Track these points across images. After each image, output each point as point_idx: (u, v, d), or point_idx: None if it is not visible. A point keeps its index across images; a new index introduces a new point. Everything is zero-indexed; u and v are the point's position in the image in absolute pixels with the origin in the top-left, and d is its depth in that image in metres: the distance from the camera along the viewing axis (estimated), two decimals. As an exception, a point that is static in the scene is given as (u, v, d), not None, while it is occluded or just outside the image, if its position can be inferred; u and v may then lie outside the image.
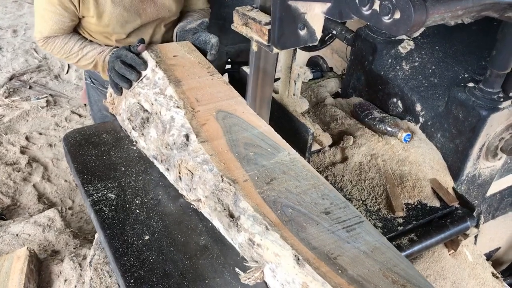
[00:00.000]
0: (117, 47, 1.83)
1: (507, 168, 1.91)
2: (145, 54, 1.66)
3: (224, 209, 1.23)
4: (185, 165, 1.37)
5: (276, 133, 1.42)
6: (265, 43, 1.21)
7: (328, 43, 2.45)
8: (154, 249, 1.32)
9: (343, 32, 2.25)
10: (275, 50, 1.21)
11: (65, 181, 3.34)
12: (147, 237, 1.36)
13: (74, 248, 2.42)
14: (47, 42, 1.91)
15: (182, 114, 1.43)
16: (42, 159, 3.53)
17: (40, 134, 3.82)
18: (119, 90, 1.70)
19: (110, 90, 1.80)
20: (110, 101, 1.83)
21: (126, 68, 1.63)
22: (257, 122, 1.44)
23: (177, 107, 1.46)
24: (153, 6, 1.91)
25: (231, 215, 1.21)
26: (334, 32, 2.32)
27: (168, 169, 1.49)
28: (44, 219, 2.63)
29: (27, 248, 2.23)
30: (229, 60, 2.55)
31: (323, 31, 2.31)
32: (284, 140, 1.39)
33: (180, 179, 1.41)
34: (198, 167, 1.31)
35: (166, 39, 2.12)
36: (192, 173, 1.34)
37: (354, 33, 2.15)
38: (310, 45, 1.28)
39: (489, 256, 2.22)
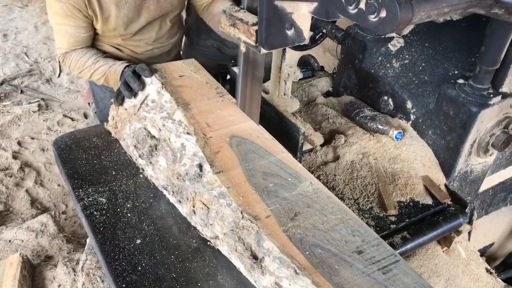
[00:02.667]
0: (129, 62, 1.82)
1: (499, 164, 1.92)
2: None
3: (246, 249, 1.13)
4: (199, 198, 1.27)
5: (294, 159, 1.34)
6: (253, 43, 1.20)
7: (318, 42, 2.44)
8: (146, 253, 1.31)
9: (333, 30, 2.24)
10: (263, 50, 1.20)
11: (58, 185, 3.32)
12: (138, 241, 1.35)
13: (67, 253, 2.41)
14: (66, 57, 1.91)
15: (193, 141, 1.35)
16: (34, 164, 3.51)
17: (32, 138, 3.80)
18: (118, 101, 1.66)
19: (111, 112, 1.72)
20: (112, 125, 1.72)
21: (132, 77, 1.59)
22: (274, 148, 1.36)
23: (188, 133, 1.38)
24: (155, 3, 1.92)
25: (254, 256, 1.11)
26: (325, 30, 2.31)
27: (180, 201, 1.39)
28: (37, 224, 2.61)
29: (20, 254, 2.22)
30: (232, 61, 2.55)
31: (313, 30, 2.32)
32: (304, 168, 1.31)
33: (194, 213, 1.31)
34: (214, 201, 1.22)
35: (171, 34, 2.15)
36: (208, 208, 1.24)
37: (344, 32, 2.15)
38: (301, 44, 1.28)
39: (483, 252, 2.23)
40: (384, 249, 1.08)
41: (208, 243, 1.31)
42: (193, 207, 1.30)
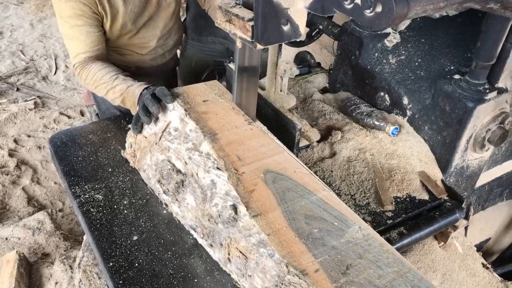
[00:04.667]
0: (148, 84, 1.63)
1: (495, 159, 1.92)
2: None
3: None
4: (235, 245, 1.15)
5: (337, 198, 1.23)
6: (249, 39, 1.20)
7: (315, 38, 2.44)
8: (142, 250, 1.31)
9: (330, 27, 2.24)
10: (259, 46, 1.20)
11: (55, 183, 3.32)
12: (135, 238, 1.35)
13: (64, 251, 2.41)
14: (83, 69, 1.78)
15: (225, 178, 1.22)
16: (31, 162, 3.50)
17: (29, 136, 3.79)
18: (137, 128, 1.55)
19: (129, 139, 1.61)
20: (130, 153, 1.60)
21: (151, 100, 1.47)
22: (314, 185, 1.24)
23: (218, 168, 1.25)
24: None
25: None
26: (321, 27, 2.31)
27: (211, 245, 1.27)
28: (33, 222, 2.61)
29: (17, 251, 2.22)
30: (231, 57, 2.56)
31: (310, 26, 2.32)
32: (349, 208, 1.19)
33: (230, 261, 1.18)
34: (253, 250, 1.09)
35: (174, 30, 2.16)
36: (246, 257, 1.12)
37: (340, 28, 2.15)
38: (297, 40, 1.27)
39: (479, 247, 2.23)
40: None
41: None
42: (228, 254, 1.17)
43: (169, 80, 2.47)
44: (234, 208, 1.16)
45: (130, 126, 1.60)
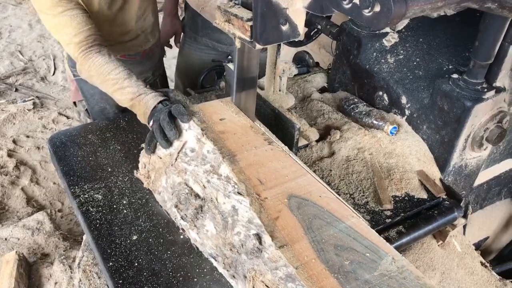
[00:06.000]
0: (161, 94, 1.52)
1: (493, 158, 1.93)
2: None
3: None
4: (261, 278, 1.07)
5: (367, 225, 1.16)
6: (248, 39, 1.20)
7: (313, 38, 2.44)
8: (142, 249, 1.32)
9: (328, 26, 2.24)
10: (258, 46, 1.20)
11: (54, 183, 3.32)
12: (135, 237, 1.36)
13: (64, 251, 2.41)
14: (87, 57, 1.66)
15: (247, 204, 1.14)
16: (30, 162, 3.50)
17: (28, 137, 3.79)
18: (150, 149, 1.45)
19: (143, 159, 1.52)
20: (144, 174, 1.52)
21: (168, 122, 1.36)
22: (342, 212, 1.17)
23: (239, 193, 1.17)
24: None
25: None
26: (319, 26, 2.31)
27: (234, 277, 1.19)
28: (33, 222, 2.61)
29: (16, 252, 2.22)
30: (229, 57, 2.56)
31: (308, 26, 2.32)
32: (380, 237, 1.12)
33: None
34: (280, 285, 1.01)
35: (151, 11, 2.15)
36: None
37: (339, 28, 2.15)
38: (296, 40, 1.27)
39: (478, 246, 2.24)
40: None
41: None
42: (253, 287, 1.10)
43: (158, 69, 2.48)
44: (258, 237, 1.09)
45: (143, 145, 1.50)
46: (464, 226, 1.96)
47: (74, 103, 2.50)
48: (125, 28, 2.05)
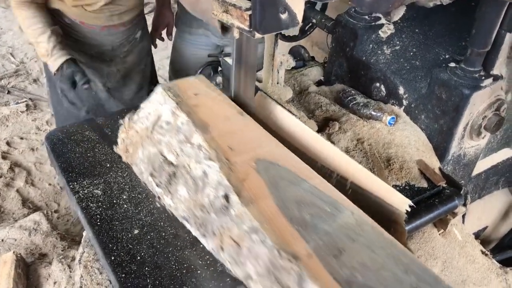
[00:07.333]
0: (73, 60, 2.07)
1: (490, 147, 1.93)
2: (162, 93, 1.45)
3: None
4: (228, 233, 1.14)
5: (330, 185, 1.22)
6: (247, 28, 1.19)
7: (308, 32, 2.44)
8: (144, 243, 1.31)
9: (323, 20, 2.25)
10: (257, 35, 1.19)
11: (49, 184, 3.30)
12: (136, 231, 1.34)
13: (62, 250, 2.40)
14: (18, 8, 2.02)
15: (216, 168, 1.20)
16: (24, 164, 3.48)
17: (21, 138, 3.76)
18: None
19: (121, 135, 1.58)
20: (122, 148, 1.58)
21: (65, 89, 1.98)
22: (307, 173, 1.23)
23: (209, 159, 1.23)
24: None
25: None
26: (314, 21, 2.31)
27: (204, 235, 1.26)
28: (29, 223, 2.59)
29: (14, 252, 2.20)
30: (224, 52, 2.55)
31: (303, 21, 2.32)
32: (341, 194, 1.18)
33: (222, 249, 1.18)
34: (245, 237, 1.09)
35: None
36: (238, 244, 1.12)
37: (334, 21, 2.15)
38: (291, 35, 1.27)
39: (477, 235, 2.25)
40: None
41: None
42: (221, 243, 1.17)
43: (144, 60, 2.60)
44: (226, 197, 1.16)
45: (121, 121, 1.58)
46: (463, 216, 1.96)
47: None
48: (95, 2, 2.14)
